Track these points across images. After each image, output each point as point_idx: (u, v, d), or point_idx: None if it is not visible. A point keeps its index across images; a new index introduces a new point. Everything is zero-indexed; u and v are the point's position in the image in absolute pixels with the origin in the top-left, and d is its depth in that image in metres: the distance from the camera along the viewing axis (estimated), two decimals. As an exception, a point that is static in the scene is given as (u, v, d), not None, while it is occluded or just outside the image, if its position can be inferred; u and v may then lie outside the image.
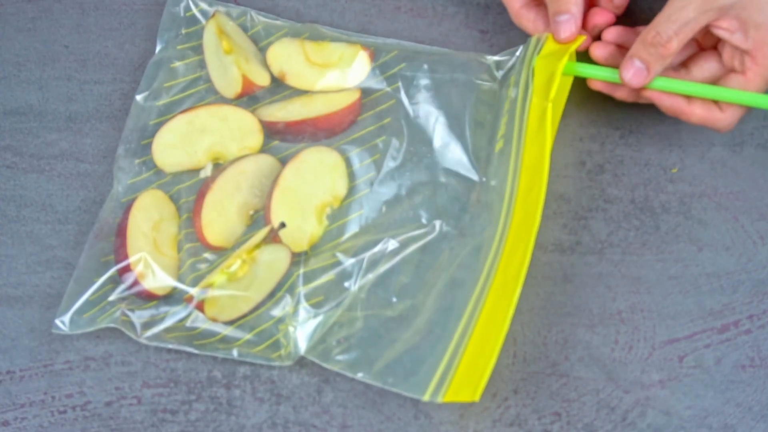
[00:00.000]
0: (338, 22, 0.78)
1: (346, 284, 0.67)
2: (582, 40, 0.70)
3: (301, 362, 0.66)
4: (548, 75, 0.68)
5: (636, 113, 0.74)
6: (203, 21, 0.76)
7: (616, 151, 0.73)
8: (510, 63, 0.73)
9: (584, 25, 0.70)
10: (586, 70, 0.69)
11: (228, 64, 0.74)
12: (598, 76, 0.69)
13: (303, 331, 0.66)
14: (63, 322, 0.67)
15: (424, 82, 0.73)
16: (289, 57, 0.75)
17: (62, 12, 0.80)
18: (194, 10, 0.77)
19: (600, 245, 0.69)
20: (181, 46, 0.76)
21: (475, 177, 0.70)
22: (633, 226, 0.70)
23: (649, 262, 0.69)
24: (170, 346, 0.66)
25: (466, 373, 0.62)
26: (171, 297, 0.68)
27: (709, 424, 0.64)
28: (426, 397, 0.61)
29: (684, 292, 0.68)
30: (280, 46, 0.75)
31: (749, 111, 0.68)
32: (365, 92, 0.74)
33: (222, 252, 0.69)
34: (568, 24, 0.69)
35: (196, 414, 0.65)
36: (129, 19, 0.79)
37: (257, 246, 0.67)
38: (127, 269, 0.68)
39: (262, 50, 0.76)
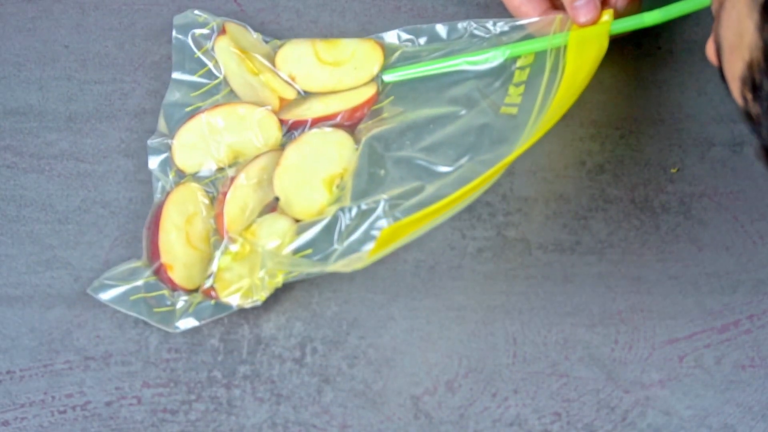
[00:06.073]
0: (338, 22, 0.78)
1: (336, 235, 0.67)
2: (611, 14, 0.70)
3: (301, 362, 0.66)
4: (585, 46, 0.69)
5: (636, 113, 0.74)
6: (212, 39, 0.76)
7: (616, 151, 0.73)
8: (516, 35, 0.73)
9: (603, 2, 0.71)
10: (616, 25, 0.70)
11: (258, 86, 0.74)
12: (623, 28, 0.70)
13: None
14: (99, 288, 0.67)
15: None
16: (299, 58, 0.75)
17: (62, 12, 0.80)
18: (202, 31, 0.76)
19: (600, 245, 0.69)
20: (197, 75, 0.75)
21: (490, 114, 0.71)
22: (633, 226, 0.70)
23: (649, 262, 0.69)
24: (199, 323, 0.67)
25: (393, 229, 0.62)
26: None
27: (709, 424, 0.64)
28: (361, 265, 0.62)
29: (684, 292, 0.68)
30: (291, 48, 0.75)
31: None
32: (380, 84, 0.74)
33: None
34: (588, 6, 0.69)
35: (196, 414, 0.65)
36: (129, 19, 0.79)
37: (257, 216, 0.68)
38: (159, 263, 0.68)
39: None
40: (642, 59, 0.76)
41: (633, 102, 0.74)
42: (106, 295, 0.67)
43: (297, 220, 0.69)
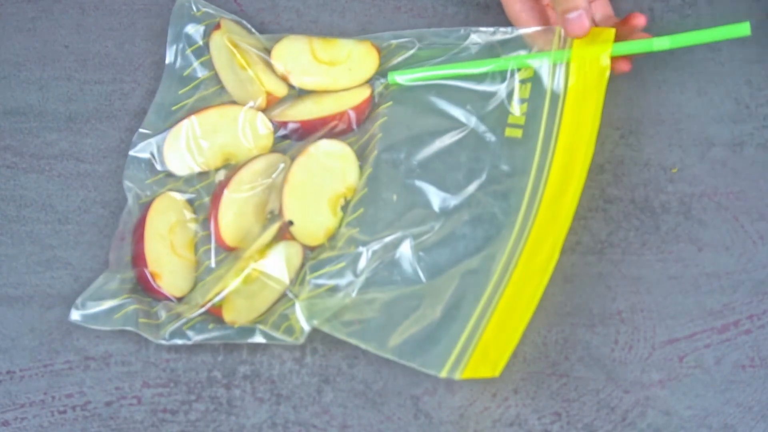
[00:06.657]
0: (338, 22, 0.78)
1: (358, 270, 0.67)
2: (613, 33, 0.70)
3: (301, 362, 0.66)
4: (588, 67, 0.69)
5: (636, 113, 0.74)
6: (203, 35, 0.76)
7: (616, 151, 0.73)
8: (516, 43, 0.73)
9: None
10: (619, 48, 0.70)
11: (246, 80, 0.73)
12: (630, 50, 0.70)
13: (315, 315, 0.65)
14: (79, 314, 0.66)
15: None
16: (295, 55, 0.75)
17: (62, 12, 0.80)
18: (196, 28, 0.76)
19: (600, 245, 0.69)
20: (186, 72, 0.75)
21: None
22: (633, 226, 0.70)
23: (649, 262, 0.69)
24: (191, 342, 0.66)
25: (486, 350, 0.62)
26: (188, 298, 0.68)
27: (709, 424, 0.64)
28: (443, 374, 0.62)
29: (684, 292, 0.68)
30: (287, 44, 0.75)
31: None
32: (375, 87, 0.74)
33: (239, 252, 0.69)
34: (580, 20, 0.69)
35: (196, 414, 0.65)
36: (129, 19, 0.79)
37: (268, 245, 0.67)
38: (144, 271, 0.68)
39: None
40: (642, 59, 0.76)
41: (633, 102, 0.74)
42: (86, 319, 0.66)
43: (303, 245, 0.69)
